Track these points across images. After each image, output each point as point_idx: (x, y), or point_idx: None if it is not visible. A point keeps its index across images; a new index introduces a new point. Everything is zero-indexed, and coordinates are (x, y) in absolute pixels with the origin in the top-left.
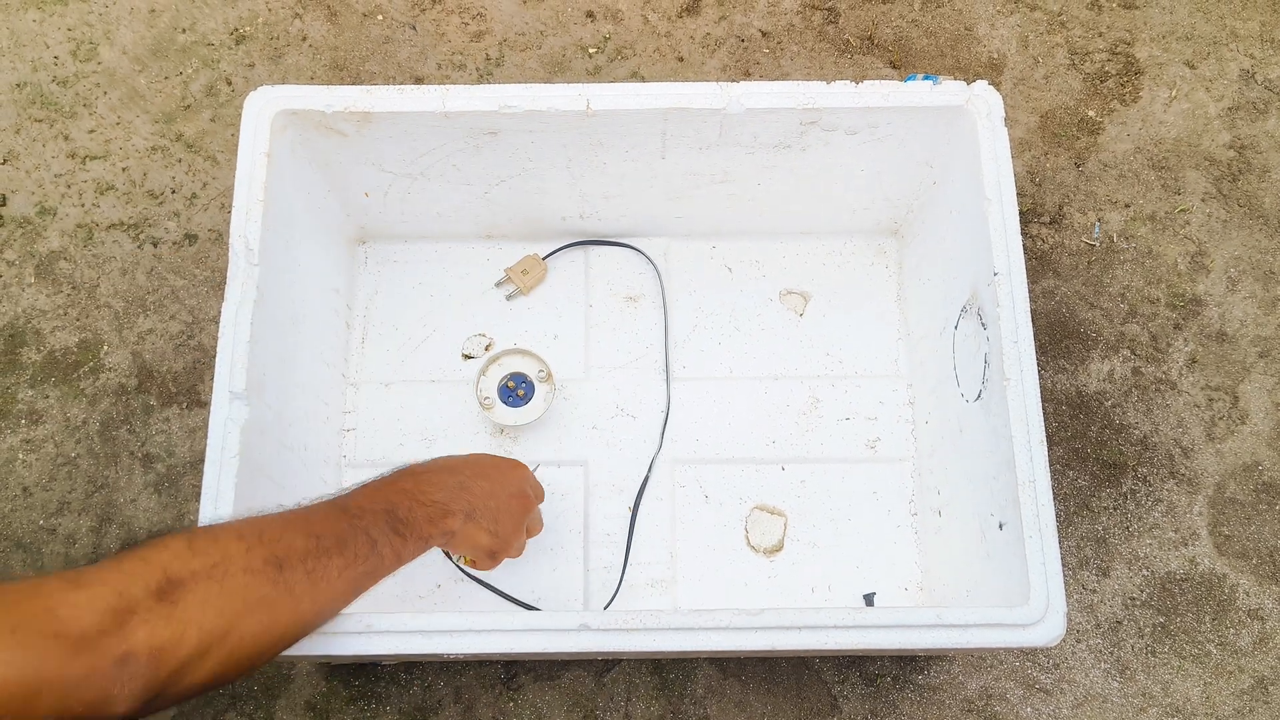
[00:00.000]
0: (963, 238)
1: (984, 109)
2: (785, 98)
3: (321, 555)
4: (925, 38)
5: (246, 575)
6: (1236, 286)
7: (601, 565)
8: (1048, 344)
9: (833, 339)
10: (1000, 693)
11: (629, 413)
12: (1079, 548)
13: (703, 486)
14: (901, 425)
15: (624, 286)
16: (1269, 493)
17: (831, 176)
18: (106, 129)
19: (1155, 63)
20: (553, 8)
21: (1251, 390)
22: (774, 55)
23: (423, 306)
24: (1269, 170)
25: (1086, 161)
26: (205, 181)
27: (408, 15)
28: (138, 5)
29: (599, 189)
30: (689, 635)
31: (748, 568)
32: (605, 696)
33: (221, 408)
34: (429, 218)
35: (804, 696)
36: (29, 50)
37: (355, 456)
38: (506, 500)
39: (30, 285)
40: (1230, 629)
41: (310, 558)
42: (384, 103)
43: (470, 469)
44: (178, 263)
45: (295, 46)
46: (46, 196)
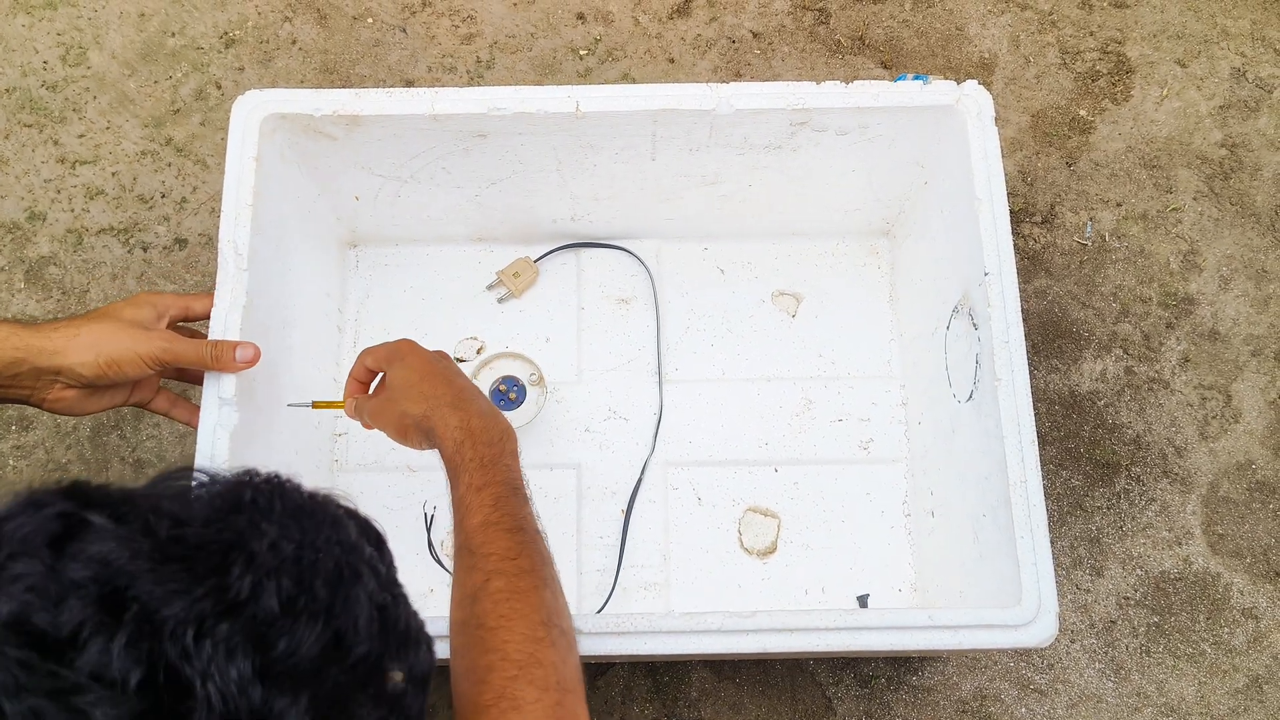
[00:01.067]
0: (954, 238)
1: (974, 108)
2: (775, 98)
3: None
4: (916, 38)
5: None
6: (1229, 285)
7: (595, 568)
8: (1040, 344)
9: (825, 340)
10: (995, 693)
11: (621, 415)
12: (1073, 547)
13: (696, 489)
14: (894, 426)
15: (616, 289)
16: (1262, 491)
17: (822, 177)
18: (96, 134)
19: (1146, 61)
20: (543, 10)
21: (1244, 389)
22: (765, 56)
23: (414, 310)
24: (1260, 168)
25: (1078, 161)
26: (195, 186)
27: (398, 18)
28: (127, 9)
29: (590, 191)
30: (681, 639)
31: (741, 570)
32: (600, 700)
33: (211, 413)
34: (419, 221)
35: (798, 698)
36: (18, 55)
37: (347, 461)
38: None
39: (20, 291)
40: (1224, 628)
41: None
42: (373, 106)
43: (447, 386)
44: (168, 267)
45: (285, 50)
46: (36, 202)
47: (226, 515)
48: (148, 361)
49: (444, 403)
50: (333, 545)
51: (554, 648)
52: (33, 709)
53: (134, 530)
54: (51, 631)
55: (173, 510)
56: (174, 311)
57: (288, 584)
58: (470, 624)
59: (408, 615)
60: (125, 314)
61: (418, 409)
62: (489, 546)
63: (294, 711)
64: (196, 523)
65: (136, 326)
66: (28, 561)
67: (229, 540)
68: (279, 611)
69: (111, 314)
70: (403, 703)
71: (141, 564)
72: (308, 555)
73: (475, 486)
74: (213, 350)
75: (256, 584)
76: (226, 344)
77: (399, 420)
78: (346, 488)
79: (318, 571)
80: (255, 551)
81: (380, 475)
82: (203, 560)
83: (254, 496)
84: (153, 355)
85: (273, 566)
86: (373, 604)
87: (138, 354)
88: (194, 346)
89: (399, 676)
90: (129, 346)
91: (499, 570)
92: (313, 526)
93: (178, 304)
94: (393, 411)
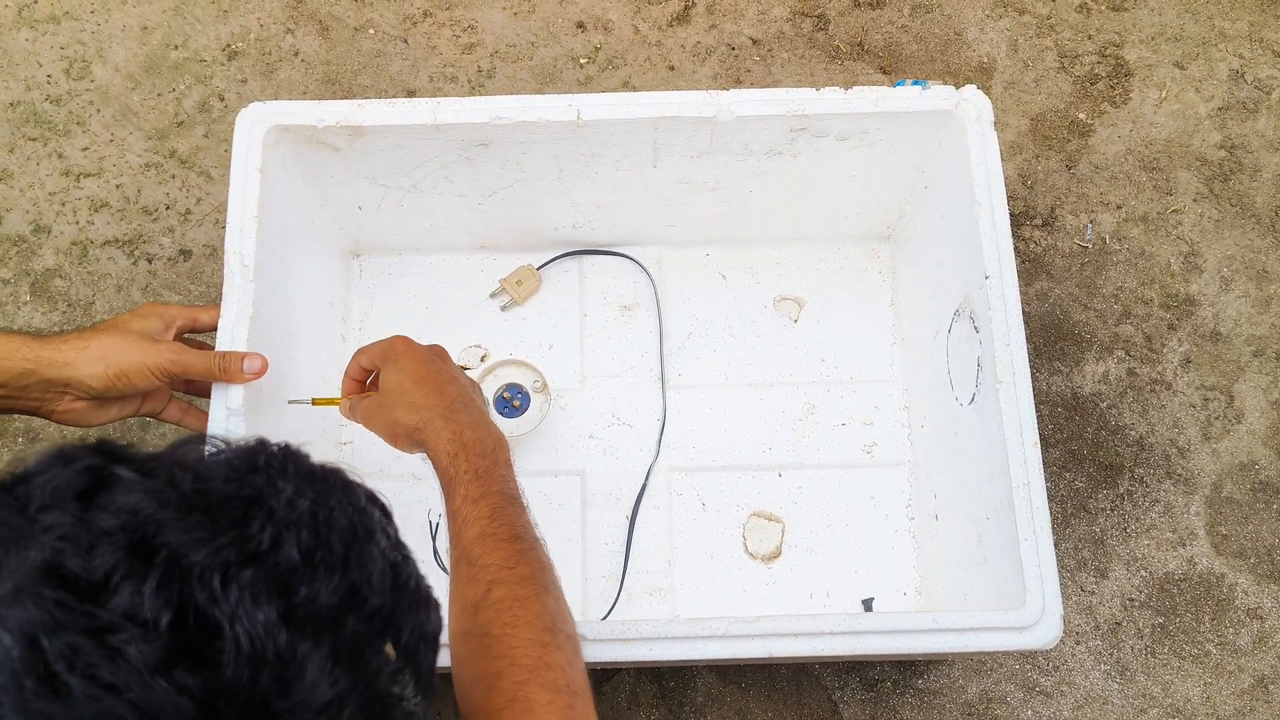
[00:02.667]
0: (954, 242)
1: (973, 113)
2: (775, 105)
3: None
4: (915, 43)
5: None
6: (1230, 286)
7: (600, 574)
8: (1042, 346)
9: (827, 345)
10: (1001, 696)
11: (625, 422)
12: (1077, 549)
13: (700, 494)
14: (897, 430)
15: (618, 295)
16: (1266, 491)
17: (823, 183)
18: (100, 146)
19: (1145, 64)
20: (543, 19)
21: (1246, 389)
22: (765, 63)
23: (418, 319)
24: (1260, 169)
25: (1078, 164)
26: (199, 197)
27: (399, 29)
28: (130, 23)
29: (591, 198)
30: (687, 644)
31: (746, 575)
32: (605, 706)
33: (219, 424)
34: (422, 230)
35: (804, 703)
36: (22, 69)
37: (354, 467)
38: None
39: (26, 303)
40: (1229, 628)
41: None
42: (375, 116)
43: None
44: (173, 279)
45: (287, 62)
46: (41, 214)
47: (245, 474)
48: (156, 373)
49: (436, 414)
50: (345, 505)
51: (561, 651)
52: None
53: (160, 483)
54: (85, 576)
55: (195, 467)
56: (181, 322)
57: (306, 536)
58: (474, 633)
59: (417, 576)
60: (134, 325)
61: (410, 419)
62: (488, 557)
63: (317, 656)
64: (217, 479)
65: (145, 338)
66: (58, 514)
67: (249, 496)
68: (299, 561)
69: (120, 326)
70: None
71: (169, 513)
72: (323, 512)
73: (471, 499)
74: (221, 362)
75: (277, 535)
76: (235, 355)
77: (391, 427)
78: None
79: (333, 527)
80: (274, 507)
81: (385, 483)
82: (225, 513)
83: (269, 460)
84: (161, 367)
85: (291, 520)
86: (385, 560)
87: (146, 366)
88: (202, 358)
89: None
90: (138, 358)
91: (499, 580)
92: (325, 489)
93: (185, 315)
94: (385, 418)
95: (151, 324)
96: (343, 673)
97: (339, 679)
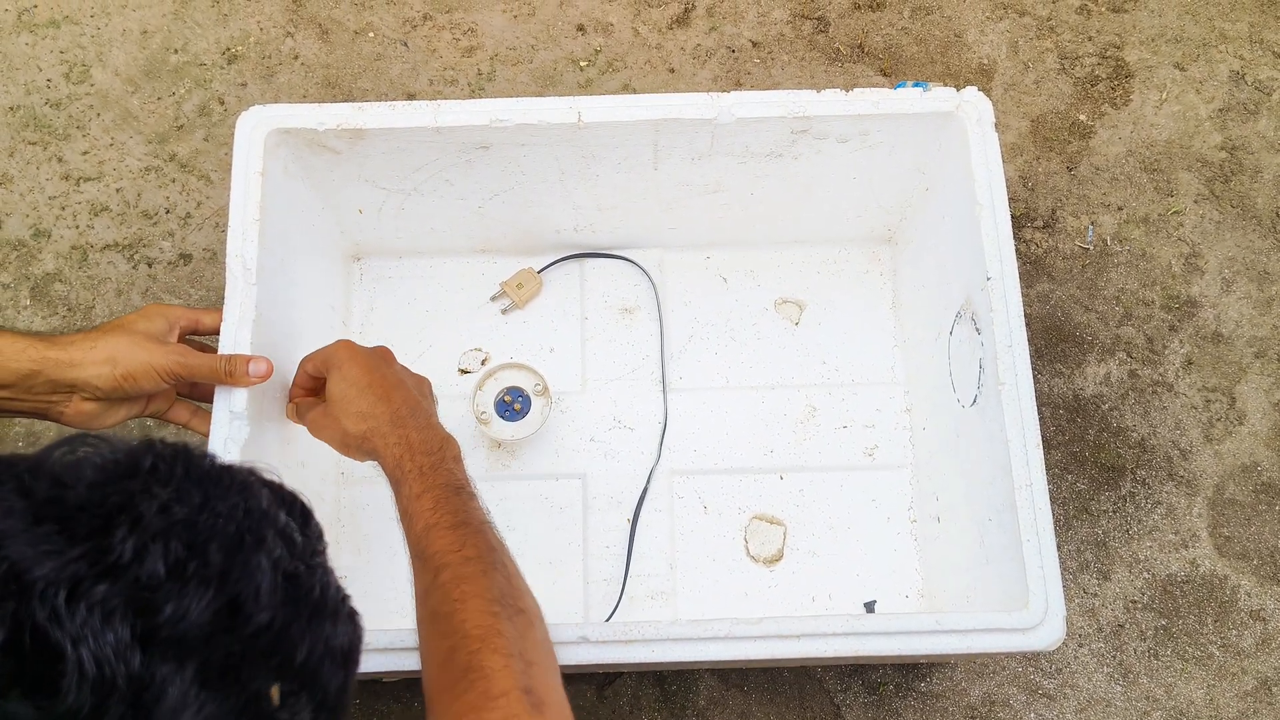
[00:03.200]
0: (955, 243)
1: (974, 115)
2: (776, 107)
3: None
4: (915, 45)
5: None
6: (1231, 287)
7: (601, 578)
8: (1044, 348)
9: (829, 347)
10: (1003, 698)
11: (626, 425)
12: (1079, 551)
13: (701, 497)
14: (899, 432)
15: (619, 298)
16: (1268, 493)
17: (824, 185)
18: (100, 150)
19: (1145, 66)
20: (544, 22)
21: (1248, 391)
22: (765, 65)
23: (418, 322)
24: (1261, 170)
25: (1078, 165)
26: (199, 201)
27: (399, 32)
28: (130, 27)
29: (592, 201)
30: (689, 646)
31: (748, 578)
32: (608, 709)
33: (222, 427)
34: (423, 233)
35: (806, 706)
36: (21, 73)
37: (353, 472)
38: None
39: (26, 308)
40: (1232, 630)
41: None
42: (376, 119)
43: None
44: (173, 283)
45: (287, 65)
46: (41, 219)
47: (119, 479)
48: (163, 374)
49: (384, 420)
50: (236, 511)
51: (510, 622)
52: None
53: (6, 491)
54: None
55: (55, 472)
56: (184, 324)
57: (177, 547)
58: (425, 618)
59: (324, 585)
60: (139, 326)
61: (358, 428)
62: (433, 545)
63: (178, 680)
64: (81, 485)
65: (151, 339)
66: None
67: (116, 503)
68: (165, 575)
69: (126, 326)
70: (317, 676)
71: (14, 523)
72: (205, 520)
73: (415, 495)
74: (226, 365)
75: (141, 547)
76: (240, 358)
77: (341, 437)
78: (353, 500)
79: (214, 536)
80: (143, 514)
81: (386, 486)
82: (83, 522)
83: (155, 462)
84: (168, 369)
85: (160, 529)
86: (278, 571)
87: (153, 367)
88: (208, 360)
89: (312, 647)
90: (145, 359)
91: (445, 564)
92: (217, 492)
93: (187, 317)
94: (334, 428)
95: (156, 325)
96: (211, 697)
97: (206, 704)
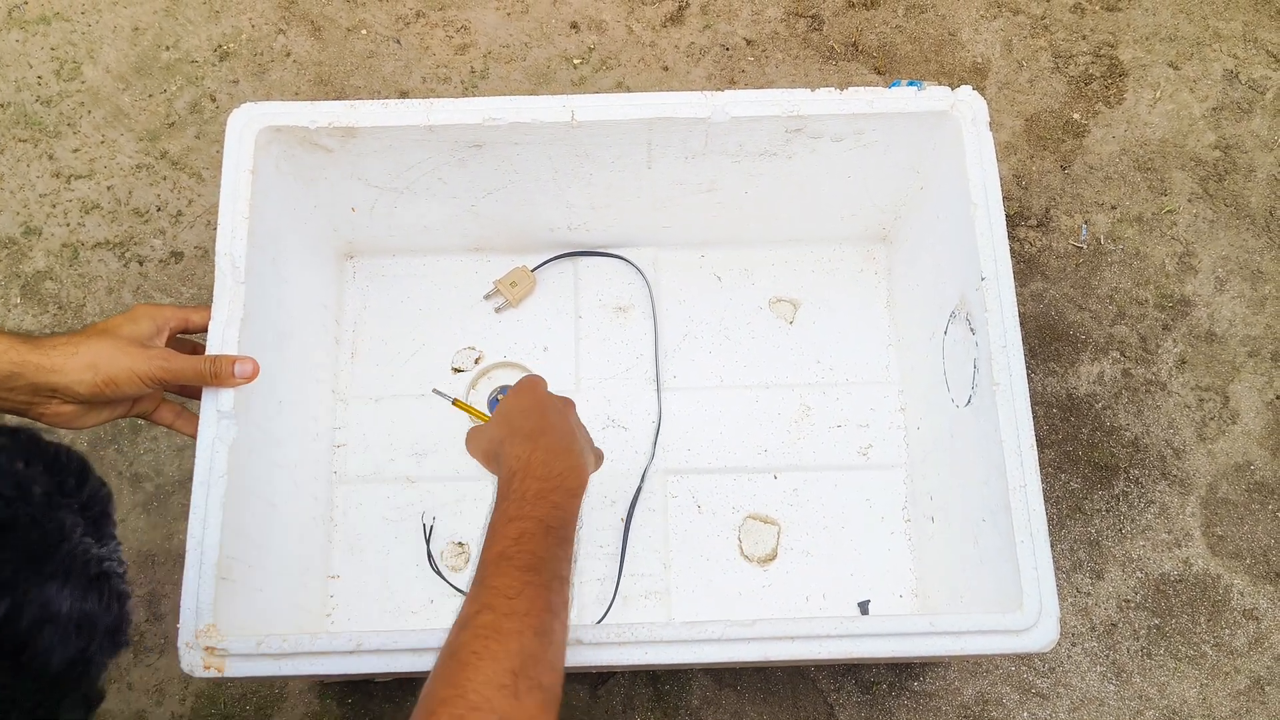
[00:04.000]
0: (950, 243)
1: (969, 114)
2: (770, 105)
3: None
4: (909, 44)
5: None
6: (1224, 286)
7: (595, 577)
8: (1037, 347)
9: (823, 346)
10: (996, 698)
11: (620, 424)
12: (1072, 551)
13: (695, 497)
14: (893, 432)
15: (613, 297)
16: (1261, 492)
17: (818, 184)
18: (91, 148)
19: (1139, 64)
20: (537, 19)
21: (1241, 390)
22: (759, 63)
23: (412, 321)
24: (1254, 169)
25: (1072, 164)
26: (190, 199)
27: (392, 30)
28: (121, 24)
29: (586, 200)
30: (683, 648)
31: (742, 577)
32: (601, 709)
33: (209, 427)
34: (416, 232)
35: (800, 705)
36: (12, 70)
37: (346, 472)
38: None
39: (16, 306)
40: (1225, 629)
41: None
42: (368, 117)
43: (536, 421)
44: (164, 281)
45: (279, 62)
46: (31, 216)
47: None
48: (145, 380)
49: (522, 434)
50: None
51: (518, 700)
52: None
53: None
54: None
55: None
56: (173, 324)
57: None
58: (445, 653)
59: (58, 541)
60: (124, 330)
61: (498, 433)
62: (495, 579)
63: None
64: None
65: (135, 344)
66: None
67: None
68: None
69: (110, 331)
70: (33, 643)
71: None
72: None
73: (507, 517)
74: (211, 366)
75: None
76: (225, 359)
77: (486, 444)
78: (346, 499)
79: None
80: None
81: (380, 486)
82: None
83: None
84: (150, 374)
85: None
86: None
87: (135, 373)
88: (192, 363)
89: (23, 608)
90: (127, 366)
91: (491, 605)
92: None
93: (176, 317)
94: (483, 434)
95: (142, 328)
96: None
97: None
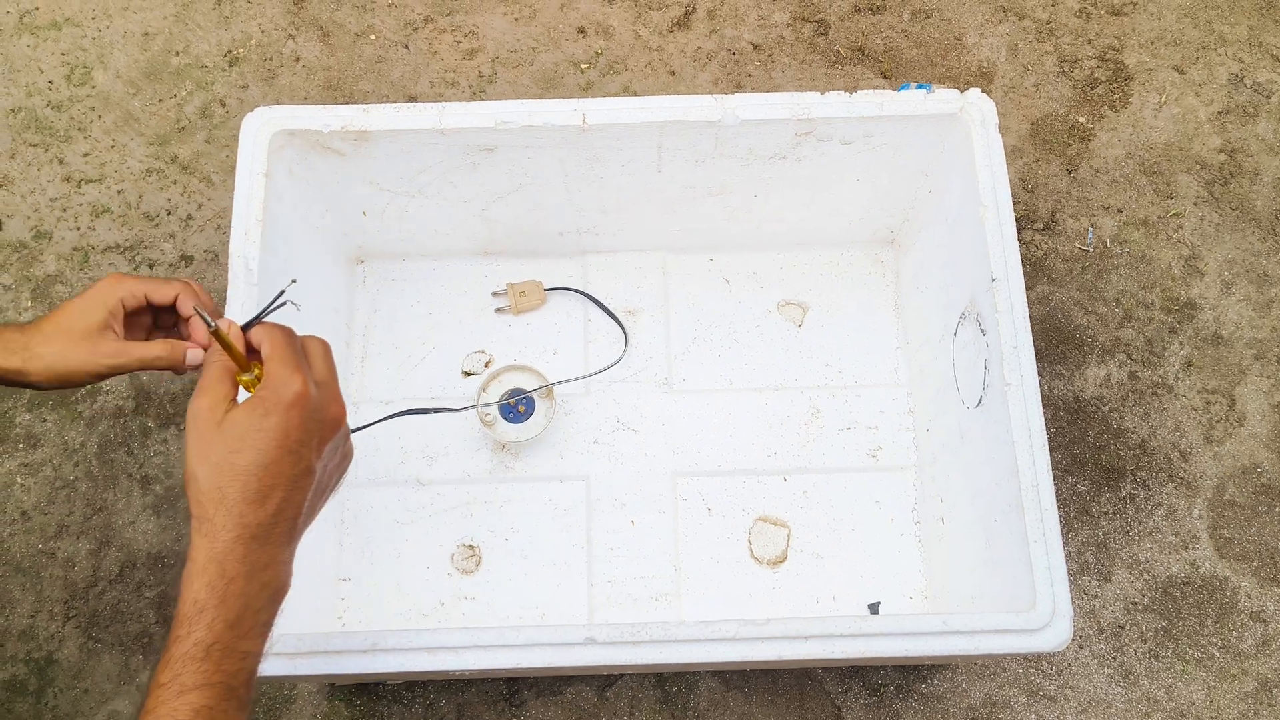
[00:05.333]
0: (959, 245)
1: (978, 117)
2: (780, 109)
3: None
4: (915, 48)
5: None
6: (1230, 289)
7: (605, 579)
8: (1044, 350)
9: (832, 349)
10: (1004, 700)
11: (630, 427)
12: (1079, 553)
13: (705, 499)
14: (903, 434)
15: (622, 301)
16: (1268, 494)
17: (827, 187)
18: (101, 152)
19: (1145, 68)
20: (544, 24)
21: (1248, 392)
22: (765, 68)
23: (422, 324)
24: (1260, 173)
25: (1078, 168)
26: (200, 203)
27: (400, 35)
28: (131, 29)
29: (596, 203)
30: (696, 647)
31: (752, 579)
32: (608, 711)
33: None
34: (427, 235)
35: (807, 708)
36: (23, 75)
37: (356, 476)
38: None
39: (27, 309)
40: (1233, 632)
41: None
42: (381, 121)
43: (277, 488)
44: None
45: (289, 67)
46: (42, 220)
47: None
48: (97, 376)
49: (234, 516)
50: None
51: None
52: None
53: None
54: None
55: None
56: (131, 304)
57: None
58: None
59: None
60: (76, 324)
61: (211, 482)
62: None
63: None
64: None
65: (85, 339)
66: None
67: None
68: None
69: (63, 326)
70: None
71: None
72: None
73: (182, 686)
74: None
75: None
76: (180, 345)
77: (203, 465)
78: (356, 501)
79: None
80: None
81: (389, 489)
82: None
83: None
84: (100, 372)
85: None
86: None
87: (86, 370)
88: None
89: None
90: (78, 363)
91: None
92: None
93: (137, 293)
94: (213, 449)
95: (95, 316)
96: None
97: None
